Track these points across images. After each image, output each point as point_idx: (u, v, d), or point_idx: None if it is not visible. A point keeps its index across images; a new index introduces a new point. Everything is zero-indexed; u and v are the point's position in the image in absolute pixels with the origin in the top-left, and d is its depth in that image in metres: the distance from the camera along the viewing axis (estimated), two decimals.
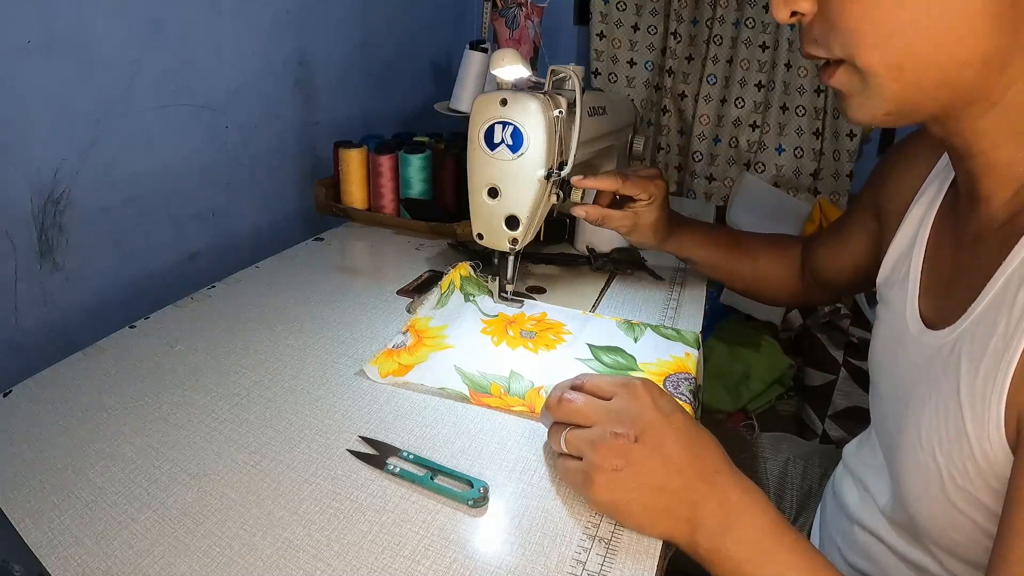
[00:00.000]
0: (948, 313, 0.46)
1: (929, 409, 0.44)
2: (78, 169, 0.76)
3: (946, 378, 0.43)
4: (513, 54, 0.66)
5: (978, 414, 0.40)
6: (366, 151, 0.99)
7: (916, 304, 0.51)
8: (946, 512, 0.43)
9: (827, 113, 1.65)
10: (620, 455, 0.42)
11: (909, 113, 0.42)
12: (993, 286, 0.41)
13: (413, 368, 0.61)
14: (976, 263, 0.45)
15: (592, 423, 0.45)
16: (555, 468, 0.49)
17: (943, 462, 0.42)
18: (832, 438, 1.45)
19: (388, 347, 0.64)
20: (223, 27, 0.92)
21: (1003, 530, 0.36)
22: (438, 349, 0.65)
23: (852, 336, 1.47)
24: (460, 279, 0.75)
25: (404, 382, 0.59)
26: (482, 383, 0.60)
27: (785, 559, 0.40)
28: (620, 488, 0.42)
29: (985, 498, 0.41)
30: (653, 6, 1.70)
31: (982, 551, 0.42)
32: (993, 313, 0.40)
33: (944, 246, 0.51)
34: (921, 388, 0.46)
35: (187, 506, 0.44)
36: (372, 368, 0.60)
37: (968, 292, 0.44)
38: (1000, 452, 0.39)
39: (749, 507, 0.42)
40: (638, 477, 0.42)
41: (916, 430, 0.45)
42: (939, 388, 0.44)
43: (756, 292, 0.83)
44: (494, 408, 0.57)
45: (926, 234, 0.53)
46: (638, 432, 0.43)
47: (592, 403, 0.46)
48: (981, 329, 0.41)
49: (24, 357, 0.74)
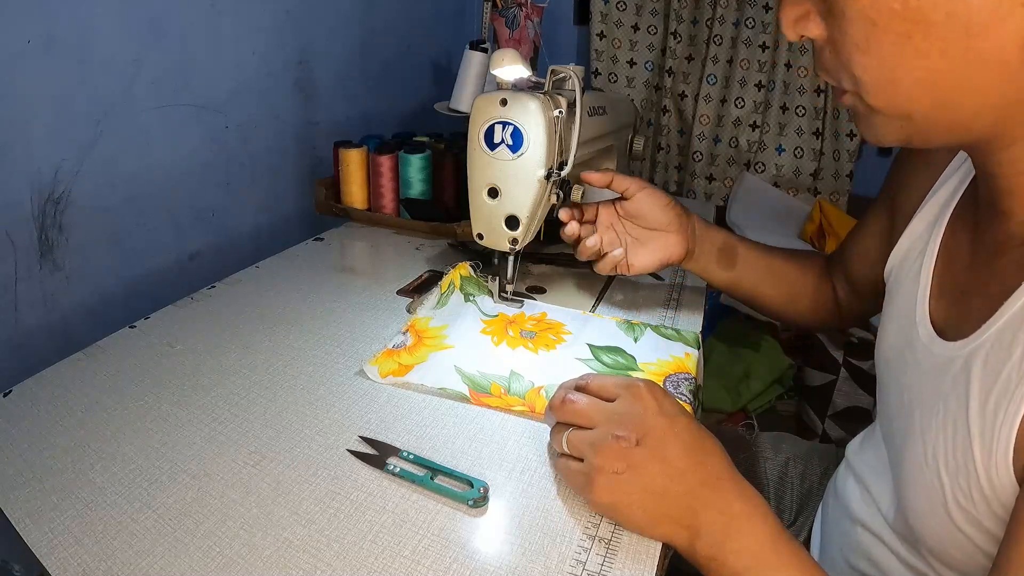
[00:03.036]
0: (961, 323, 0.45)
1: (936, 425, 0.43)
2: (78, 169, 0.76)
3: (955, 395, 0.42)
4: (513, 54, 0.66)
5: (987, 442, 0.39)
6: (366, 151, 0.99)
7: (927, 308, 0.49)
8: (947, 529, 0.42)
9: (827, 113, 1.65)
10: (621, 458, 0.42)
11: (922, 143, 0.42)
12: (1011, 306, 0.40)
13: (413, 368, 0.61)
14: (994, 277, 0.43)
15: (594, 425, 0.45)
16: (556, 468, 0.49)
17: (948, 482, 0.41)
18: (832, 438, 1.45)
19: (388, 347, 0.64)
20: (223, 27, 0.92)
21: (1000, 562, 0.36)
22: (438, 349, 0.65)
23: (852, 336, 1.47)
24: (460, 279, 0.75)
25: (404, 382, 0.59)
26: (482, 383, 0.60)
27: (785, 573, 0.40)
28: (620, 491, 0.42)
29: (988, 522, 0.40)
30: (653, 6, 1.70)
31: (980, 569, 0.42)
32: (1009, 336, 0.39)
33: (959, 251, 0.49)
34: (928, 400, 0.45)
35: (187, 506, 0.44)
36: (372, 368, 0.60)
37: (984, 306, 0.42)
38: (1007, 482, 0.38)
39: (750, 516, 0.42)
40: (639, 481, 0.42)
41: (922, 445, 0.44)
42: (947, 404, 0.43)
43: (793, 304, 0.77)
44: (494, 408, 0.57)
45: (939, 236, 0.51)
46: (640, 435, 0.43)
47: (595, 404, 0.46)
48: (995, 351, 0.40)
49: (24, 357, 0.74)
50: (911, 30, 0.35)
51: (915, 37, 0.35)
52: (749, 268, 0.75)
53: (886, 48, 0.36)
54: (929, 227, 0.53)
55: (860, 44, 0.37)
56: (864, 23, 0.36)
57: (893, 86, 0.37)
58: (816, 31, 0.40)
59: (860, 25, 0.37)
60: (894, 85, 0.37)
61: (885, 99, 0.38)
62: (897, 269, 0.56)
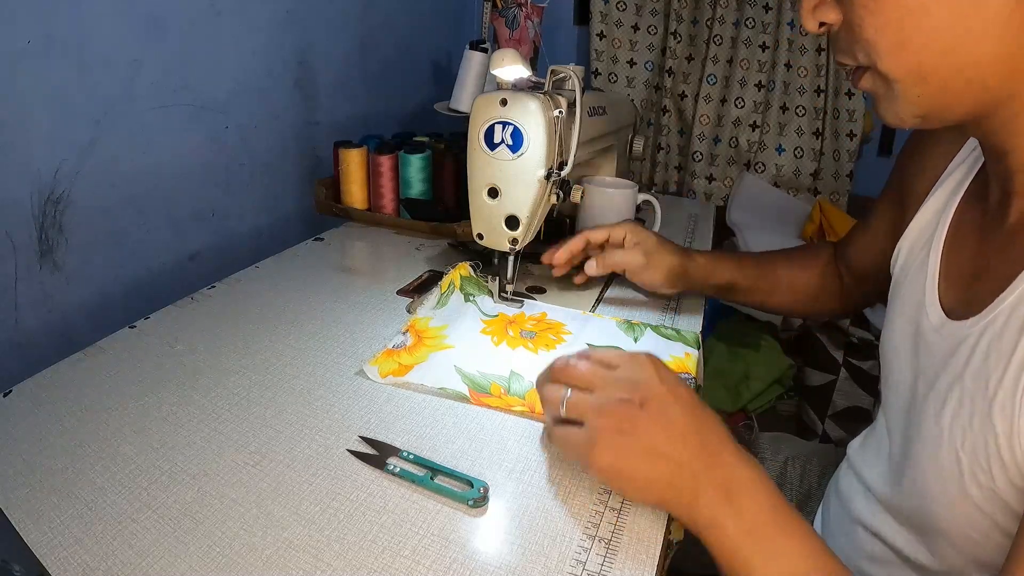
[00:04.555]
0: (971, 304, 0.45)
1: (952, 402, 0.43)
2: (78, 169, 0.76)
3: (970, 371, 0.42)
4: (513, 54, 0.66)
5: (1007, 413, 0.39)
6: (366, 151, 0.99)
7: (936, 293, 0.50)
8: (964, 509, 0.42)
9: (827, 113, 1.65)
10: (626, 419, 0.42)
11: (939, 116, 0.43)
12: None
13: (413, 368, 0.61)
14: (1005, 256, 0.44)
15: (596, 388, 0.45)
16: (551, 438, 0.48)
17: (966, 460, 0.41)
18: (832, 438, 1.45)
19: (388, 347, 0.64)
20: (223, 27, 0.92)
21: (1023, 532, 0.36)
22: (438, 349, 0.65)
23: (852, 336, 1.47)
24: (460, 279, 0.75)
25: (404, 382, 0.59)
26: (482, 383, 0.60)
27: (783, 541, 0.40)
28: (622, 452, 0.42)
29: (1008, 496, 0.40)
30: (653, 6, 1.70)
31: (996, 549, 0.42)
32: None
33: (968, 237, 0.50)
34: (943, 380, 0.45)
35: (187, 506, 0.44)
36: (372, 368, 0.60)
37: (995, 284, 0.43)
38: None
39: (752, 483, 0.41)
40: (641, 443, 0.42)
41: (937, 425, 0.44)
42: (963, 381, 0.43)
43: (798, 309, 0.82)
44: (494, 408, 0.57)
45: (947, 222, 0.52)
46: (643, 399, 0.43)
47: (598, 369, 0.46)
48: (1011, 323, 0.40)
49: (24, 357, 0.74)
50: None
51: None
52: (749, 292, 0.78)
53: (891, 4, 0.39)
54: (936, 215, 0.53)
55: (868, 4, 0.40)
56: None
57: (903, 46, 0.40)
58: (833, 15, 0.43)
59: None
60: (904, 44, 0.40)
61: (898, 61, 0.40)
62: (905, 257, 0.56)
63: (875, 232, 0.66)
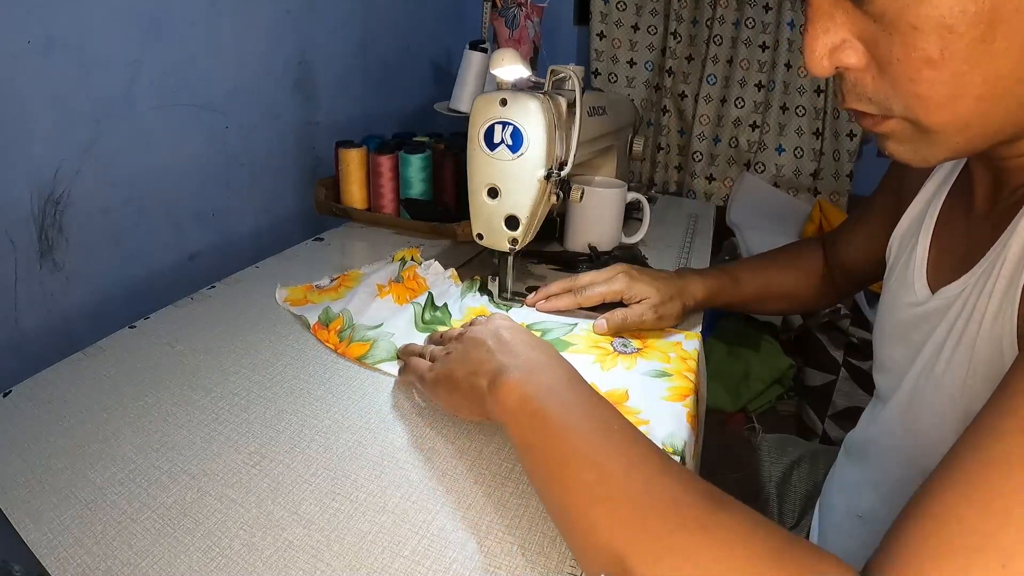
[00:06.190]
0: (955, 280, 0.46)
1: (947, 349, 0.44)
2: (78, 169, 0.76)
3: (961, 317, 0.43)
4: (513, 54, 0.66)
5: (995, 335, 0.40)
6: (366, 151, 0.99)
7: (924, 275, 0.51)
8: None
9: (827, 113, 1.65)
10: (456, 339, 0.52)
11: (967, 154, 0.41)
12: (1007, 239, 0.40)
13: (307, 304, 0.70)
14: (989, 234, 0.44)
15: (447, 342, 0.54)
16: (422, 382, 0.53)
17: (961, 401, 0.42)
18: (832, 438, 1.45)
19: (311, 284, 0.74)
20: (223, 27, 0.92)
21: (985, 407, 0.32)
22: (340, 298, 0.71)
23: (852, 336, 1.47)
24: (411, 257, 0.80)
25: (297, 312, 0.68)
26: (329, 317, 0.66)
27: (573, 396, 0.42)
28: (449, 364, 0.49)
29: None
30: (653, 6, 1.70)
31: None
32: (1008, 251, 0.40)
33: (955, 223, 0.51)
34: (936, 337, 0.47)
35: (187, 506, 0.44)
36: (283, 291, 0.72)
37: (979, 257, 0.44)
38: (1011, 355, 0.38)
39: (552, 363, 0.45)
40: (466, 350, 0.49)
41: (933, 375, 0.45)
42: (954, 328, 0.44)
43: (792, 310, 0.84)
44: (322, 341, 0.64)
45: (936, 210, 0.53)
46: (478, 328, 0.50)
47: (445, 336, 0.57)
48: (996, 267, 0.41)
49: (24, 357, 0.74)
50: (986, 33, 0.33)
51: (993, 39, 0.33)
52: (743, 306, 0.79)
53: (961, 55, 0.34)
54: (926, 204, 0.55)
55: (933, 56, 0.34)
56: (940, 32, 0.33)
57: (957, 99, 0.35)
58: (855, 59, 0.37)
59: (935, 36, 0.34)
60: (959, 97, 0.35)
61: (949, 114, 0.36)
62: (897, 245, 0.58)
63: (873, 227, 0.67)
